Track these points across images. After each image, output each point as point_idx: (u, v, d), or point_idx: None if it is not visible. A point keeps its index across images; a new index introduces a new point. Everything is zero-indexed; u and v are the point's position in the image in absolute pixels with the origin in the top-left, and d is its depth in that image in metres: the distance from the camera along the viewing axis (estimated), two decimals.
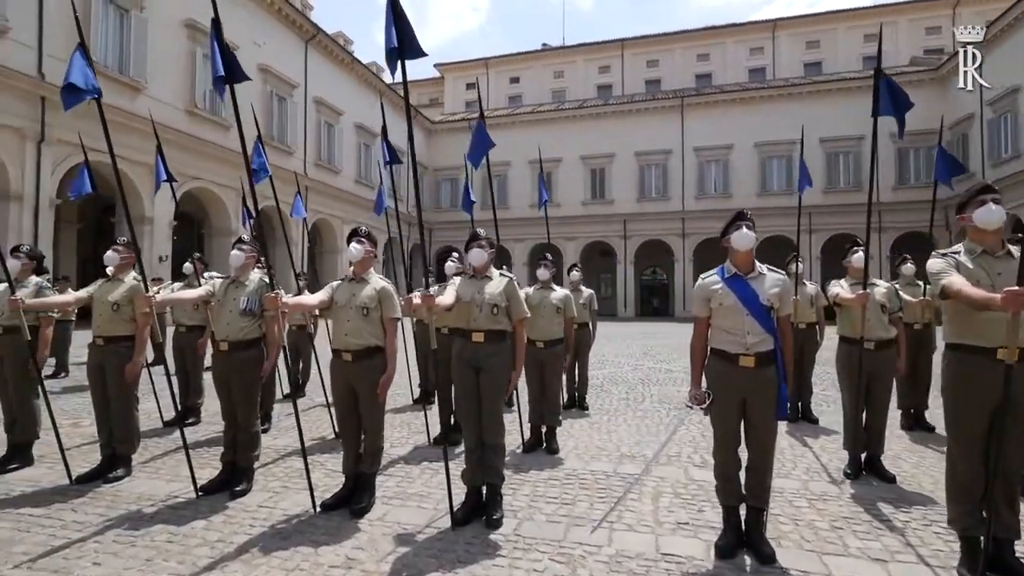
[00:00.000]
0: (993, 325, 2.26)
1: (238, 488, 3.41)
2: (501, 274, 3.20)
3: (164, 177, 5.20)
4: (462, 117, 33.58)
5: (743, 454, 2.71)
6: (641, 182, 30.33)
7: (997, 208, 2.40)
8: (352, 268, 3.29)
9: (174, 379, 4.41)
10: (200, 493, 3.39)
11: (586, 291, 5.88)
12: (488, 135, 3.83)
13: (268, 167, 4.76)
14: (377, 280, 3.28)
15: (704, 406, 2.65)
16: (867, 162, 27.11)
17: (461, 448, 4.41)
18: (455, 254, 5.27)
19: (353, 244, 3.22)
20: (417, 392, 6.07)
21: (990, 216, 2.40)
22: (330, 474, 3.84)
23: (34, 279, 4.08)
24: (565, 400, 5.61)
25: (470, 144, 3.91)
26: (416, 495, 3.44)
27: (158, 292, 3.63)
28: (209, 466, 3.90)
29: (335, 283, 3.31)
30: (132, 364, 3.73)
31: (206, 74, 19.22)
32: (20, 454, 4.00)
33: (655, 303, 33.02)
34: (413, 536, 2.86)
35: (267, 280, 3.59)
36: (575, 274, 5.96)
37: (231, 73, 2.91)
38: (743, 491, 2.68)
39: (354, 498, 3.16)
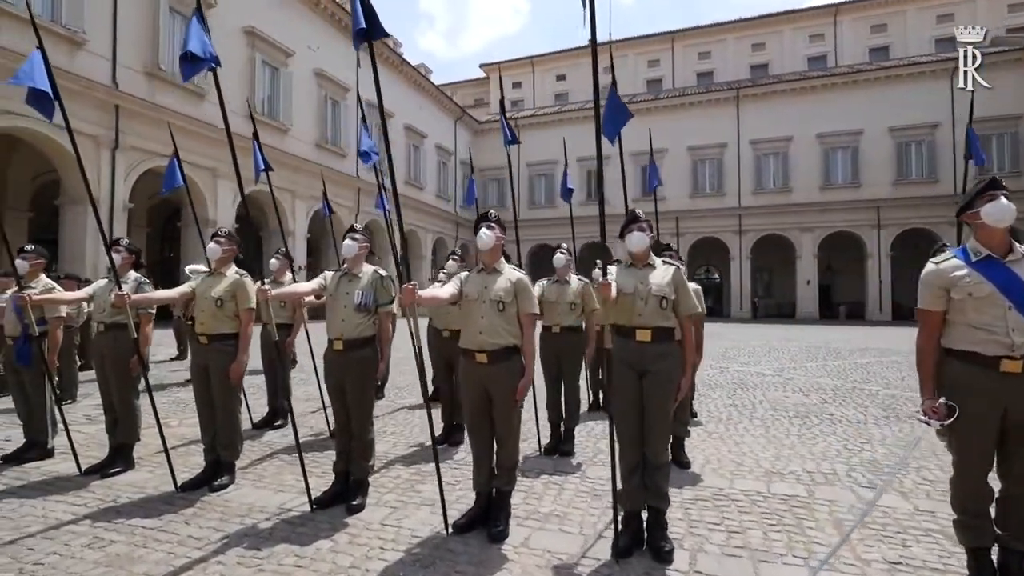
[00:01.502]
0: None
1: (354, 503, 3.09)
2: (665, 262, 2.77)
3: (178, 182, 5.06)
4: (509, 116, 33.34)
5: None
6: (694, 177, 29.29)
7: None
8: (479, 257, 2.92)
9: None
10: (314, 506, 3.10)
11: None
12: (624, 105, 3.39)
13: (376, 151, 4.49)
14: (511, 270, 2.89)
15: (947, 423, 2.13)
16: (944, 151, 25.44)
17: (459, 452, 4.24)
18: (456, 253, 5.39)
19: (483, 230, 2.85)
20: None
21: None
22: (448, 487, 3.48)
23: (133, 274, 3.91)
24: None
25: (604, 117, 3.48)
26: (553, 515, 3.04)
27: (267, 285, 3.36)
28: (300, 473, 3.62)
29: (463, 275, 2.94)
30: (236, 364, 3.48)
31: (264, 80, 19.59)
32: (122, 456, 3.83)
33: (709, 303, 31.80)
34: (572, 569, 2.45)
35: (381, 273, 3.28)
36: (597, 272, 5.46)
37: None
38: (997, 529, 2.15)
39: (491, 520, 2.78)
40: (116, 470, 3.72)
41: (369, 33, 2.50)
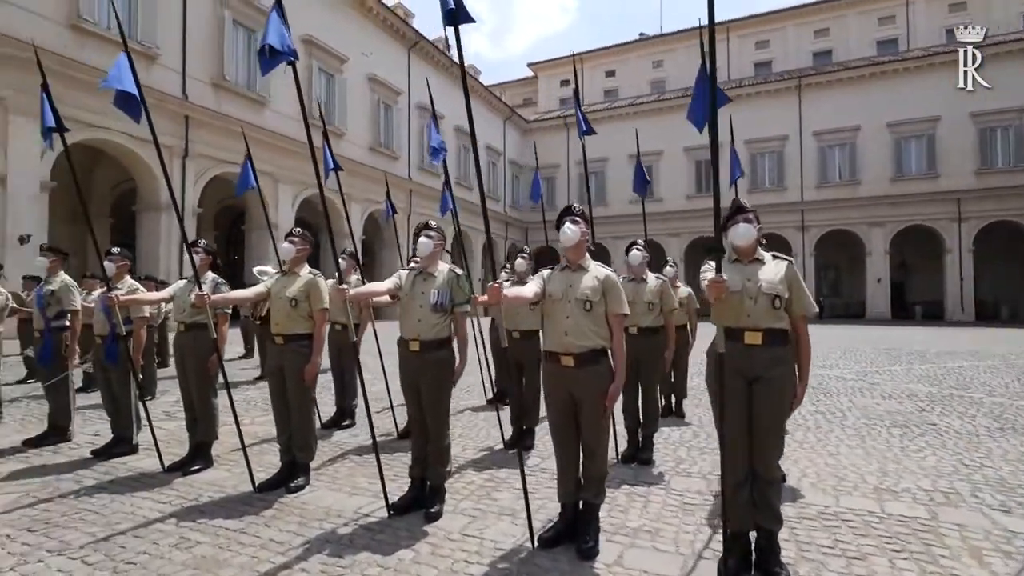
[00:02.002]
0: None
1: (432, 510, 2.97)
2: (775, 256, 2.51)
3: (251, 183, 5.08)
4: (558, 115, 33.05)
5: None
6: (753, 172, 28.07)
7: None
8: (565, 252, 2.74)
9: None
10: (391, 512, 3.01)
11: (684, 288, 5.51)
12: (720, 90, 3.12)
13: (445, 147, 4.41)
14: (597, 267, 2.70)
15: None
16: None
17: (531, 458, 4.01)
18: (525, 252, 5.14)
19: (567, 224, 2.67)
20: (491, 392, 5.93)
21: None
22: (521, 495, 3.32)
23: (211, 275, 3.98)
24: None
25: (691, 105, 3.23)
26: (643, 531, 2.82)
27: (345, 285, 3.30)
28: (373, 475, 3.55)
29: (545, 272, 2.78)
30: (311, 365, 3.45)
31: (320, 86, 20.14)
32: (201, 454, 3.88)
33: None
34: None
35: (457, 272, 3.16)
36: (669, 269, 5.15)
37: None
38: None
39: (580, 535, 2.59)
40: (196, 468, 3.77)
41: (455, 17, 2.37)
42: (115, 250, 4.11)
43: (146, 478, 3.65)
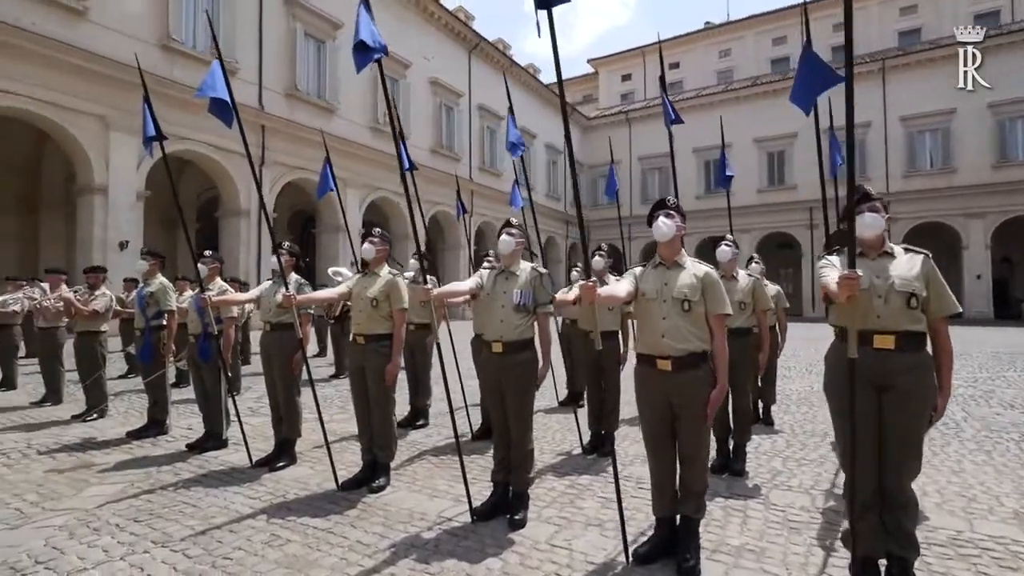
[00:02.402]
0: None
1: (516, 517, 2.87)
2: (907, 250, 2.23)
3: (331, 186, 5.17)
4: (619, 110, 32.40)
5: None
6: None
7: None
8: (659, 248, 2.56)
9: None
10: (475, 518, 2.93)
11: (772, 286, 4.83)
12: (828, 67, 2.85)
13: (523, 142, 4.34)
14: (695, 264, 2.51)
15: None
16: None
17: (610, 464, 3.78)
18: (603, 247, 4.99)
19: (661, 219, 2.49)
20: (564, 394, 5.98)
21: None
22: (607, 504, 3.17)
23: (294, 276, 4.06)
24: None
25: (794, 86, 2.96)
26: (746, 549, 2.60)
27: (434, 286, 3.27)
28: (452, 478, 3.49)
29: (637, 270, 2.61)
30: (392, 364, 3.44)
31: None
32: (286, 451, 3.98)
33: None
34: None
35: (541, 271, 3.05)
36: (755, 266, 4.76)
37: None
38: None
39: (679, 551, 2.41)
40: (281, 464, 3.86)
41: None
42: (207, 253, 4.30)
43: (236, 473, 3.77)
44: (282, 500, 3.27)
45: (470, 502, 2.96)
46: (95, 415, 5.34)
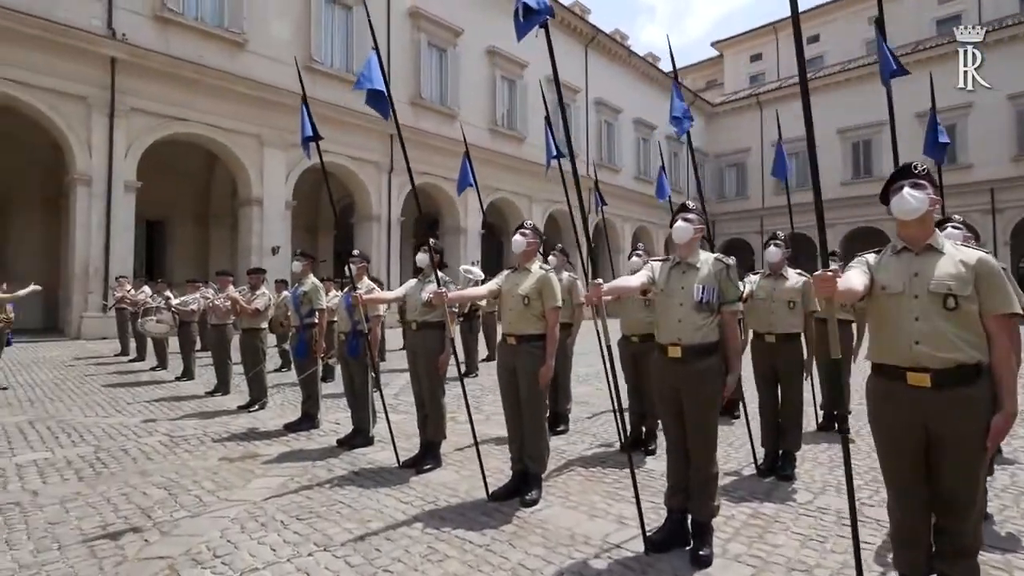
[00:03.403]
0: None
1: (701, 553, 2.42)
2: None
3: (470, 181, 5.00)
4: (748, 93, 29.95)
5: None
6: (1019, 136, 22.05)
7: None
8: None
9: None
10: (648, 548, 2.53)
11: None
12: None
13: (691, 116, 3.88)
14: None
15: None
16: None
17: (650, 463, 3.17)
18: (779, 235, 4.28)
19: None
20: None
21: None
22: (801, 541, 2.60)
23: (440, 275, 3.94)
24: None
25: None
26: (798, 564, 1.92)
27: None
28: (609, 495, 3.11)
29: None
30: (545, 368, 3.15)
31: (503, 94, 20.90)
32: (432, 453, 3.87)
33: None
34: None
35: (727, 262, 2.57)
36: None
37: None
38: None
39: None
40: (427, 467, 3.76)
41: None
42: (355, 253, 4.36)
43: (385, 473, 3.72)
44: (433, 507, 3.12)
45: (643, 529, 2.56)
46: (256, 407, 5.73)
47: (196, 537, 2.70)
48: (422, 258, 3.89)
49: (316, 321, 4.98)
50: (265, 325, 6.02)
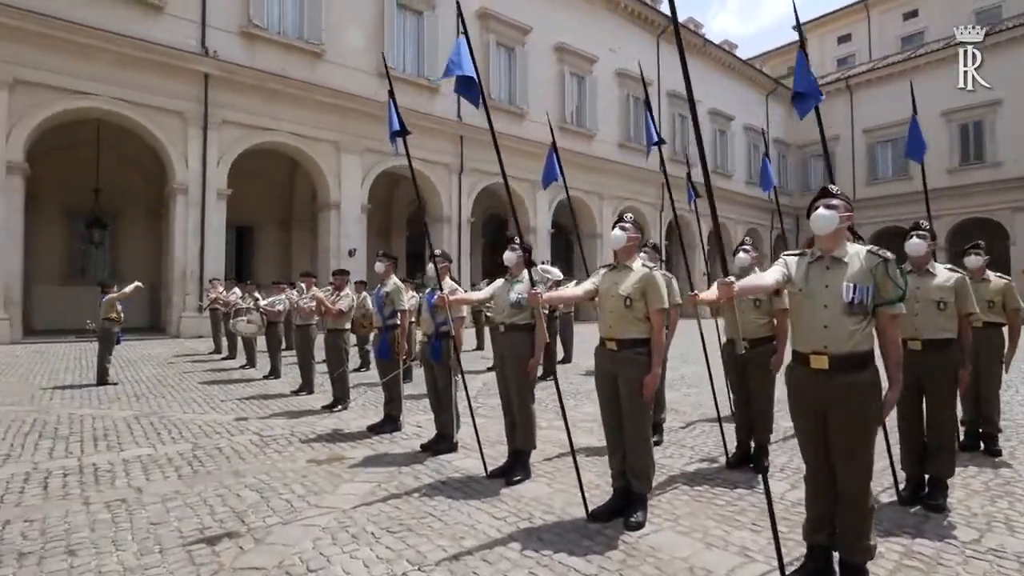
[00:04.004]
0: None
1: None
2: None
3: (556, 175, 4.72)
4: (836, 77, 27.81)
5: None
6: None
7: None
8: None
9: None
10: None
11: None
12: None
13: (822, 93, 3.46)
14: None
15: None
16: None
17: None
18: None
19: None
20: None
21: None
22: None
23: (526, 274, 3.71)
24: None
25: None
26: None
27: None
28: (723, 519, 2.74)
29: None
30: (651, 376, 2.84)
31: (572, 91, 20.51)
32: (520, 463, 3.64)
33: None
34: None
35: (885, 256, 2.15)
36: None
37: None
38: None
39: None
40: (518, 478, 3.53)
41: None
42: (438, 252, 4.22)
43: (473, 483, 3.53)
44: (529, 525, 2.88)
45: (782, 566, 2.19)
46: (340, 407, 5.76)
47: (289, 547, 2.61)
48: (510, 257, 3.69)
49: (398, 322, 4.90)
50: (348, 326, 6.06)
